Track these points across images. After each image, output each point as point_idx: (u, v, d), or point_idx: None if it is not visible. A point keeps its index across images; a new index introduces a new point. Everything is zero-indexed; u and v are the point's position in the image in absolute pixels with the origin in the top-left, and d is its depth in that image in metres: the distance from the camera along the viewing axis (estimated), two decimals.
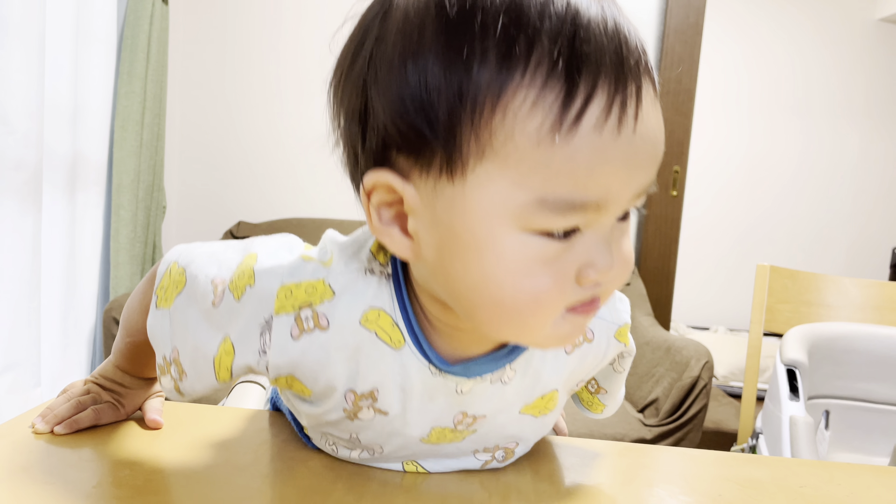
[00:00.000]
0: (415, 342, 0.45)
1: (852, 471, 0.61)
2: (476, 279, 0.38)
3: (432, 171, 0.37)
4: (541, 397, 0.51)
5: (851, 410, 1.16)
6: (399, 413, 0.47)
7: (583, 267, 0.38)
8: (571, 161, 0.35)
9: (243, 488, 0.47)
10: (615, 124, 0.35)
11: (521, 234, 0.37)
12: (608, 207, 0.37)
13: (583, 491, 0.51)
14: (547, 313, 0.39)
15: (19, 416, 0.58)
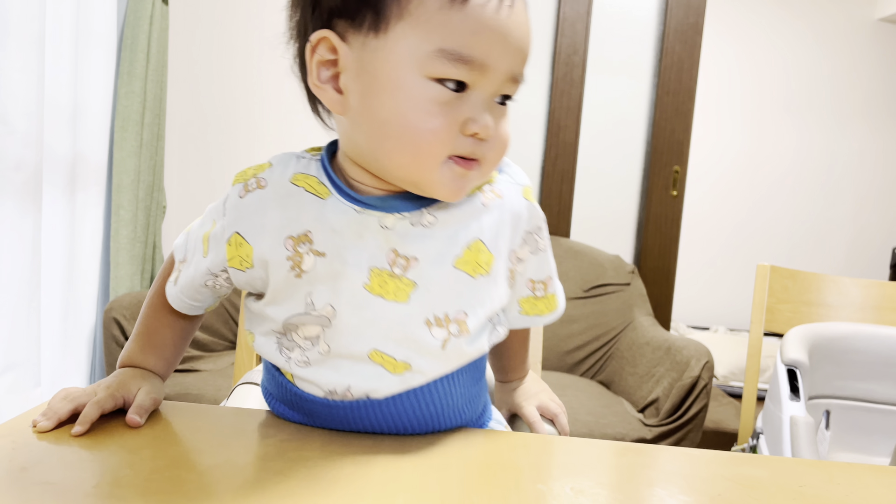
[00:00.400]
0: (339, 192, 0.56)
1: (852, 471, 0.61)
2: (389, 113, 0.51)
3: (363, 29, 0.51)
4: (468, 248, 0.58)
5: (852, 410, 1.16)
6: (335, 253, 0.56)
7: (467, 119, 0.52)
8: (463, 23, 0.49)
9: (243, 488, 0.48)
10: (496, 5, 0.51)
11: (425, 79, 0.50)
12: (487, 71, 0.51)
13: (583, 491, 0.51)
14: (436, 149, 0.51)
15: (19, 416, 0.58)
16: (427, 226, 0.56)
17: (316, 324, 0.57)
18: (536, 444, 0.61)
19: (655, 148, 2.63)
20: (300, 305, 0.57)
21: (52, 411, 0.56)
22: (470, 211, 0.58)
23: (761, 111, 3.56)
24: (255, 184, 0.58)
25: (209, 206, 0.63)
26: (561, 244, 2.44)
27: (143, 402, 0.59)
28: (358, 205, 0.56)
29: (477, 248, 0.58)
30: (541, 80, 2.61)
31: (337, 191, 0.56)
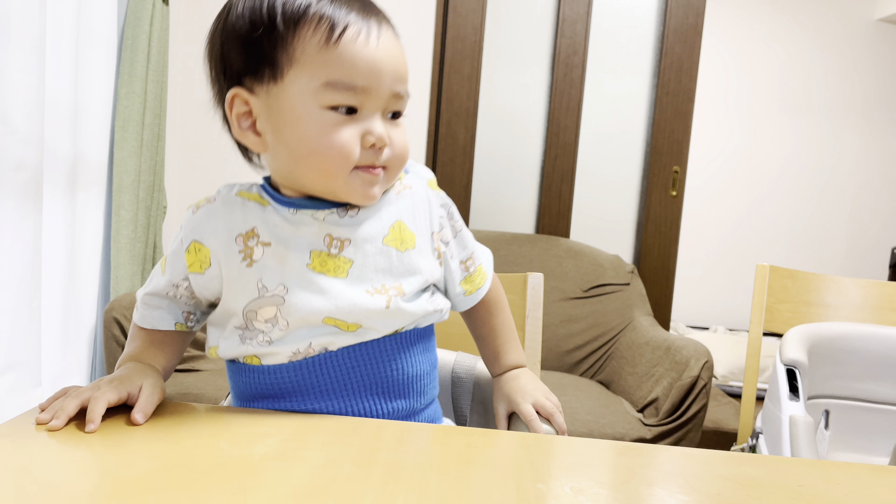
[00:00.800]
0: (276, 201, 0.68)
1: (852, 470, 0.61)
2: (296, 141, 0.63)
3: (265, 80, 0.64)
4: (391, 227, 0.69)
5: (851, 410, 1.16)
6: (279, 241, 0.66)
7: (364, 133, 0.63)
8: (340, 58, 0.62)
9: (243, 488, 0.48)
10: (364, 40, 0.62)
11: (320, 109, 0.62)
12: (370, 93, 0.63)
13: (583, 491, 0.51)
14: (341, 160, 0.62)
15: (19, 416, 0.58)
16: (353, 216, 0.68)
17: (271, 304, 0.65)
18: (536, 444, 0.61)
19: (655, 148, 2.63)
20: (254, 291, 0.66)
21: (60, 409, 0.57)
22: (386, 200, 0.70)
23: (760, 111, 3.56)
24: (205, 202, 0.69)
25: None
26: (561, 244, 2.44)
27: (148, 398, 0.60)
28: (293, 207, 0.67)
29: (400, 227, 0.70)
30: (541, 80, 2.61)
31: (274, 200, 0.68)
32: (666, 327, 2.67)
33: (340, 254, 0.66)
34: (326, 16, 0.62)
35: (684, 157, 2.63)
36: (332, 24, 0.61)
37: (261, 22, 0.62)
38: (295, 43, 0.62)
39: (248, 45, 0.63)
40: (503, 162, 2.64)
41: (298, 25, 0.62)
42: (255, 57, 0.63)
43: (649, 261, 2.67)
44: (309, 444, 0.56)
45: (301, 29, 0.62)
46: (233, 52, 0.64)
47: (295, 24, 0.62)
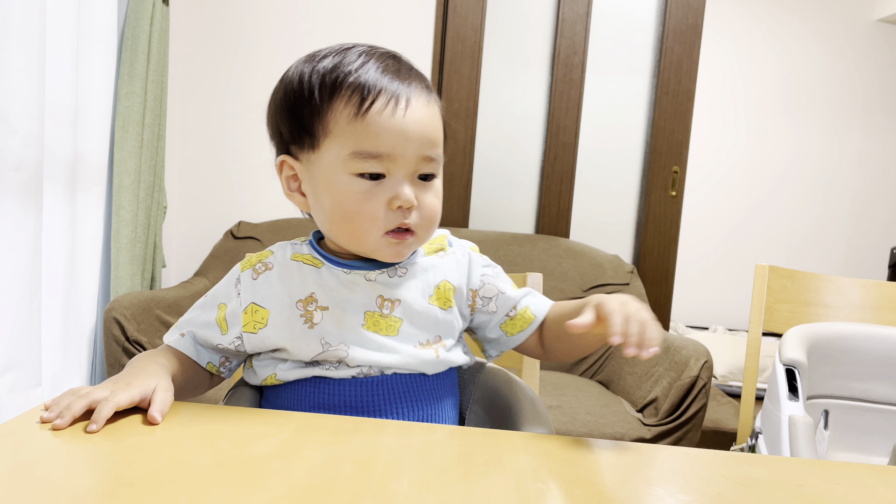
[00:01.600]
0: (328, 261, 0.73)
1: (851, 470, 0.61)
2: (329, 205, 0.69)
3: (305, 149, 0.71)
4: (437, 287, 0.75)
5: (850, 410, 1.16)
6: (336, 304, 0.71)
7: (391, 198, 0.67)
8: (367, 129, 0.66)
9: (243, 487, 0.48)
10: (391, 111, 0.67)
11: (349, 175, 0.67)
12: (396, 160, 0.67)
13: (582, 490, 0.51)
14: (369, 225, 0.68)
15: (20, 416, 0.58)
16: (402, 276, 0.74)
17: (335, 356, 0.71)
18: (536, 444, 0.61)
19: (654, 148, 2.63)
20: (318, 346, 0.71)
21: (66, 409, 0.57)
22: (431, 262, 0.76)
23: (760, 112, 3.56)
24: (263, 267, 0.74)
25: (205, 298, 0.76)
26: (560, 244, 2.44)
27: (164, 399, 0.61)
28: (345, 268, 0.73)
29: (445, 287, 0.76)
30: (540, 80, 2.61)
31: (327, 261, 0.73)
32: (665, 327, 2.67)
33: (391, 314, 0.72)
34: (358, 89, 0.67)
35: (684, 157, 2.63)
36: (361, 97, 0.66)
37: (301, 94, 0.69)
38: (329, 115, 0.68)
39: (292, 115, 0.70)
40: (503, 162, 2.65)
41: (333, 98, 0.67)
42: (297, 126, 0.70)
43: (649, 261, 2.67)
44: (309, 444, 0.56)
45: (335, 102, 0.67)
46: (281, 120, 0.72)
47: (329, 97, 0.68)
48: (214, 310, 0.74)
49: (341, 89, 0.67)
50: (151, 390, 0.61)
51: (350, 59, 0.69)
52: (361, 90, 0.67)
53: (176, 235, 2.56)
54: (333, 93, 0.68)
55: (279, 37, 2.52)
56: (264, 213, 2.54)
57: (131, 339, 1.80)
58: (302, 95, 0.69)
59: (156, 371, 0.65)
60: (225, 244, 2.41)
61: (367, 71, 0.68)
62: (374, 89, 0.67)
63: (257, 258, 0.75)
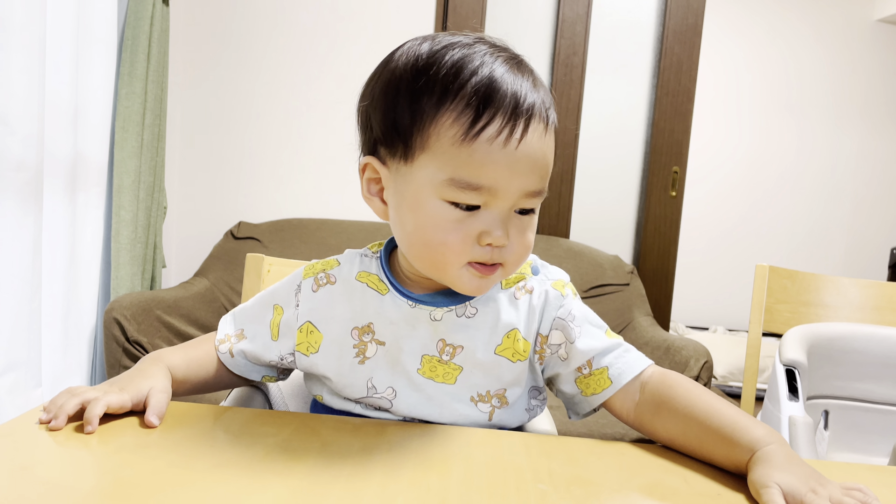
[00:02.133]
0: (395, 289, 0.66)
1: (851, 470, 0.61)
2: (413, 227, 0.61)
3: (396, 158, 0.61)
4: (506, 336, 0.66)
5: (850, 410, 1.16)
6: (393, 341, 0.66)
7: (482, 233, 0.59)
8: (472, 157, 0.57)
9: (243, 488, 0.48)
10: (503, 141, 0.57)
11: (440, 201, 0.59)
12: (497, 194, 0.58)
13: (582, 490, 0.51)
14: (452, 257, 0.60)
15: (19, 416, 0.58)
16: (470, 317, 0.66)
17: (378, 404, 0.67)
18: (536, 444, 0.61)
19: (654, 149, 2.63)
20: (363, 390, 0.67)
21: (59, 408, 0.57)
22: (506, 303, 0.67)
23: (760, 112, 3.56)
24: (325, 279, 0.69)
25: (265, 293, 0.73)
26: (560, 244, 2.44)
27: (159, 402, 0.60)
28: (411, 300, 0.66)
29: (514, 336, 0.67)
30: None
31: (393, 288, 0.67)
32: (665, 327, 2.67)
33: (451, 360, 0.66)
34: (472, 104, 0.57)
35: (684, 157, 2.63)
36: (474, 116, 0.57)
37: (407, 91, 0.59)
38: (431, 128, 0.58)
39: (389, 115, 0.61)
40: None
41: (441, 108, 0.58)
42: (392, 130, 0.60)
43: (649, 261, 2.67)
44: (309, 444, 0.56)
45: (442, 114, 0.58)
46: (375, 116, 0.62)
47: (438, 105, 0.58)
48: (270, 310, 0.71)
49: (454, 98, 0.57)
50: (145, 394, 0.60)
51: (473, 57, 0.59)
52: (476, 106, 0.57)
53: (176, 236, 2.56)
54: (444, 100, 0.58)
55: (279, 37, 2.52)
56: (264, 214, 2.54)
57: (131, 339, 1.80)
58: (407, 93, 0.59)
59: (154, 373, 0.64)
60: (225, 244, 2.41)
61: (489, 79, 0.58)
62: (490, 108, 0.57)
63: (322, 266, 0.70)
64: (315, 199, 2.54)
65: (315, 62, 2.52)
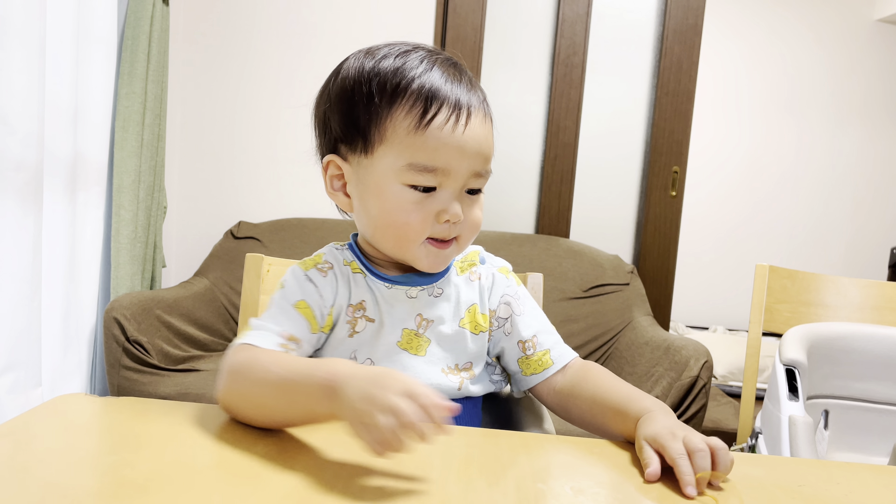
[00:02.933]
0: (371, 273, 0.73)
1: (851, 470, 0.61)
2: (377, 212, 0.68)
3: (357, 151, 0.69)
4: (468, 310, 0.75)
5: (850, 410, 1.16)
6: (378, 318, 0.71)
7: (439, 211, 0.67)
8: (426, 143, 0.65)
9: (243, 488, 0.48)
10: (451, 127, 0.66)
11: (400, 185, 0.66)
12: (450, 175, 0.66)
13: (583, 490, 0.51)
14: (413, 235, 0.67)
15: (20, 416, 0.58)
16: (437, 295, 0.74)
17: None
18: (536, 444, 0.61)
19: (654, 148, 2.63)
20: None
21: (394, 439, 0.49)
22: (464, 284, 0.76)
23: (760, 112, 3.56)
24: (325, 266, 0.73)
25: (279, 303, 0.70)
26: (560, 244, 2.44)
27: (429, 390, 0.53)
28: (387, 282, 0.72)
29: (474, 311, 0.75)
30: (540, 81, 2.61)
31: (368, 272, 0.73)
32: (665, 327, 2.67)
33: (424, 333, 0.72)
34: (421, 99, 0.65)
35: (684, 157, 2.63)
36: (423, 108, 0.65)
37: (360, 94, 0.67)
38: (387, 122, 0.66)
39: (347, 115, 0.68)
40: (503, 162, 2.65)
41: (393, 106, 0.66)
42: (351, 127, 0.68)
43: (649, 261, 2.67)
44: (309, 444, 0.56)
45: (395, 110, 0.66)
46: (334, 119, 0.70)
47: (390, 103, 0.66)
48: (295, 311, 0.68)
49: (403, 96, 0.66)
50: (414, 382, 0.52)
51: (412, 62, 0.67)
52: (424, 101, 0.65)
53: (176, 235, 2.56)
54: (394, 99, 0.66)
55: (279, 37, 2.52)
56: (264, 213, 2.54)
57: (131, 339, 1.80)
58: (361, 96, 0.67)
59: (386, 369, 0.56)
60: (225, 244, 2.41)
61: (431, 79, 0.66)
62: (436, 101, 0.65)
63: (313, 260, 0.73)
64: (315, 199, 2.54)
65: (316, 62, 2.52)
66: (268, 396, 0.58)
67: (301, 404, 0.56)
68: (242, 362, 0.61)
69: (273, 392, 0.57)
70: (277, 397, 0.57)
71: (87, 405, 0.63)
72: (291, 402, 0.57)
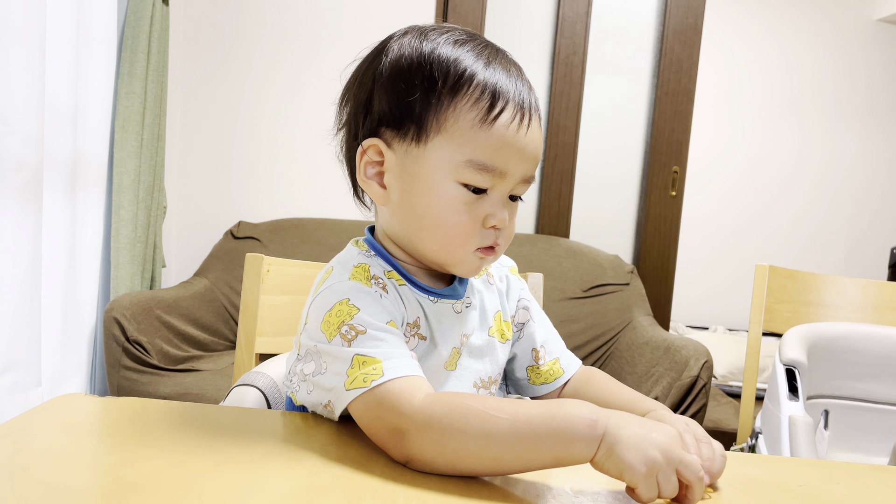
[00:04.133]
0: (413, 284, 0.66)
1: (851, 470, 0.61)
2: (424, 209, 0.62)
3: (406, 139, 0.62)
4: (494, 317, 0.72)
5: (850, 410, 1.16)
6: (430, 336, 0.66)
7: (487, 215, 0.62)
8: (489, 140, 0.60)
9: (243, 488, 0.48)
10: (516, 127, 0.61)
11: (454, 183, 0.61)
12: (505, 177, 0.62)
13: (583, 490, 0.51)
14: (463, 239, 0.62)
15: (19, 416, 0.58)
16: (469, 306, 0.70)
17: None
18: None
19: (654, 148, 2.63)
20: None
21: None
22: (485, 289, 0.73)
23: (760, 111, 3.56)
24: (380, 281, 0.63)
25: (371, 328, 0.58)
26: (560, 244, 2.44)
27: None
28: (431, 295, 0.67)
29: (499, 318, 0.73)
30: (540, 80, 2.61)
31: (412, 285, 0.66)
32: (665, 327, 2.67)
33: (462, 348, 0.68)
34: (489, 92, 0.60)
35: (684, 157, 2.63)
36: (492, 102, 0.60)
37: (419, 76, 0.61)
38: (449, 112, 0.60)
39: (400, 97, 0.61)
40: None
41: (457, 95, 0.60)
42: (404, 111, 0.61)
43: (649, 261, 2.67)
44: (309, 444, 0.56)
45: (459, 100, 0.60)
46: (381, 98, 0.63)
47: (453, 92, 0.60)
48: (388, 330, 0.59)
49: (468, 87, 0.60)
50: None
51: (473, 51, 0.62)
52: (491, 95, 0.60)
53: (176, 235, 2.56)
54: (458, 88, 0.60)
55: (279, 37, 2.52)
56: (264, 213, 2.54)
57: (131, 339, 1.80)
58: (422, 79, 0.61)
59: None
60: (225, 244, 2.41)
61: (496, 75, 0.61)
62: (502, 98, 0.60)
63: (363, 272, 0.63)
64: (315, 198, 2.54)
65: (316, 62, 2.52)
66: (502, 448, 0.50)
67: (549, 451, 0.50)
68: (449, 413, 0.52)
69: (512, 442, 0.50)
70: (516, 447, 0.50)
71: (87, 405, 0.63)
72: (538, 451, 0.50)
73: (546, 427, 0.49)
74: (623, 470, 0.47)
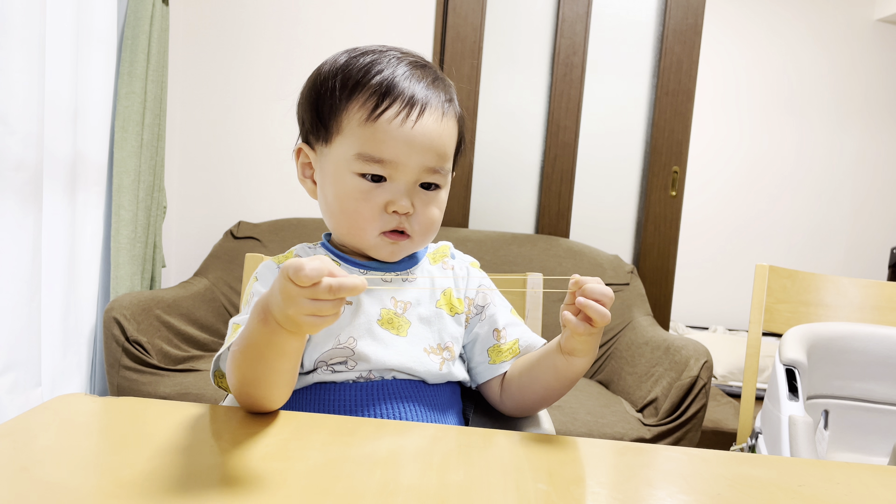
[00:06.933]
0: (346, 262, 0.77)
1: (851, 470, 0.61)
2: (332, 199, 0.73)
3: (320, 142, 0.74)
4: (443, 293, 0.79)
5: (850, 410, 1.16)
6: (356, 300, 0.74)
7: (387, 202, 0.71)
8: (374, 135, 0.70)
9: (243, 488, 0.48)
10: (400, 121, 0.69)
11: (352, 175, 0.71)
12: (398, 167, 0.70)
13: (582, 490, 0.51)
14: (365, 224, 0.72)
15: (19, 416, 0.58)
16: (411, 282, 0.78)
17: (342, 355, 0.72)
18: (536, 443, 0.61)
19: (654, 148, 2.63)
20: (330, 343, 0.72)
21: (325, 307, 0.54)
22: (438, 272, 0.81)
23: (760, 112, 3.56)
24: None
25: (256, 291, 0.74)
26: (560, 244, 2.44)
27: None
28: (362, 268, 0.76)
29: (449, 294, 0.79)
30: (540, 80, 2.61)
31: (343, 261, 0.77)
32: (665, 327, 2.67)
33: (403, 314, 0.76)
34: (375, 93, 0.70)
35: (684, 157, 2.63)
36: (376, 102, 0.69)
37: (325, 89, 0.73)
38: (343, 115, 0.71)
39: (314, 107, 0.74)
40: (503, 162, 2.65)
41: (350, 99, 0.71)
42: (316, 118, 0.74)
43: (649, 261, 2.67)
44: (309, 444, 0.56)
45: (351, 103, 0.71)
46: (305, 110, 0.76)
47: (348, 97, 0.71)
48: None
49: (360, 91, 0.70)
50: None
51: (382, 61, 0.71)
52: (378, 95, 0.69)
53: (176, 235, 2.56)
54: (352, 93, 0.71)
55: (279, 37, 2.52)
56: (264, 213, 2.54)
57: (131, 339, 1.80)
58: (327, 89, 0.72)
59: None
60: (225, 244, 2.41)
61: (391, 76, 0.70)
62: (390, 96, 0.69)
63: (285, 256, 0.78)
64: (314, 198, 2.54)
65: (316, 62, 2.52)
66: (249, 366, 0.60)
67: (263, 346, 0.59)
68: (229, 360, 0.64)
69: (248, 358, 0.60)
70: (252, 359, 0.60)
71: (87, 405, 0.63)
72: (259, 353, 0.60)
73: (251, 329, 0.59)
74: (284, 322, 0.56)
